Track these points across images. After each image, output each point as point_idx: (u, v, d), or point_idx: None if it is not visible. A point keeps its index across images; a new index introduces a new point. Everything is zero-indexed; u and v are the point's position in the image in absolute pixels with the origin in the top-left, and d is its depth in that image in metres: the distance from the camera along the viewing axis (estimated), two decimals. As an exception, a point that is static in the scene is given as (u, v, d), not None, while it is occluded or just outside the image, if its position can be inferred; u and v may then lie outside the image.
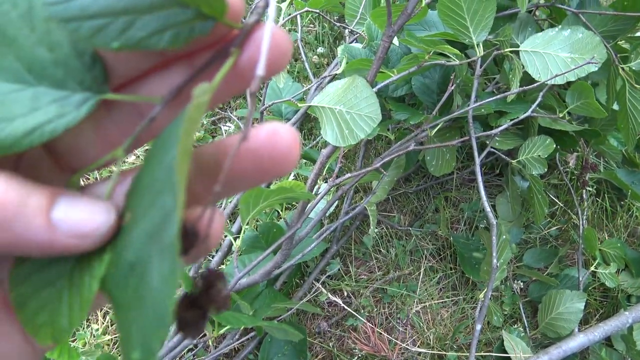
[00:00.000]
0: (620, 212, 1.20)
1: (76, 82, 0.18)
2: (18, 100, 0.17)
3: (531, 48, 0.84)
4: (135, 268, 0.16)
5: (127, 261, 0.16)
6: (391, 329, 1.07)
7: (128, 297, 0.16)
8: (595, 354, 0.98)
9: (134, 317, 0.15)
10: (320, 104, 0.81)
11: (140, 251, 0.16)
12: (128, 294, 0.16)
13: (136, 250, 0.16)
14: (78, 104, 0.18)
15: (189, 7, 0.17)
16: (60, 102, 0.17)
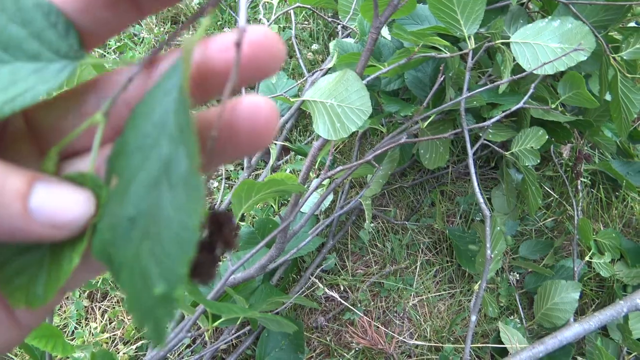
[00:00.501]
0: (615, 203, 1.20)
1: (53, 52, 0.18)
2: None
3: (521, 39, 0.84)
4: (137, 220, 0.16)
5: (125, 218, 0.16)
6: (388, 322, 1.08)
7: (133, 249, 0.16)
8: (591, 343, 0.99)
9: (147, 258, 0.15)
10: (312, 98, 0.82)
11: (140, 203, 0.16)
12: (132, 246, 0.16)
13: (135, 205, 0.16)
14: (57, 71, 0.18)
15: None
16: (39, 73, 0.18)
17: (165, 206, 0.15)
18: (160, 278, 0.15)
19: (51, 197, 0.16)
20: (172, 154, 0.16)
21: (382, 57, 1.01)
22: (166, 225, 0.15)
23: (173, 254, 0.15)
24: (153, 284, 0.15)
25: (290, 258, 0.96)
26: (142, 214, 0.16)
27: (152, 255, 0.15)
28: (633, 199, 1.21)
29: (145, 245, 0.16)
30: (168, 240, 0.15)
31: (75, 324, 1.05)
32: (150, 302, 0.15)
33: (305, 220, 0.90)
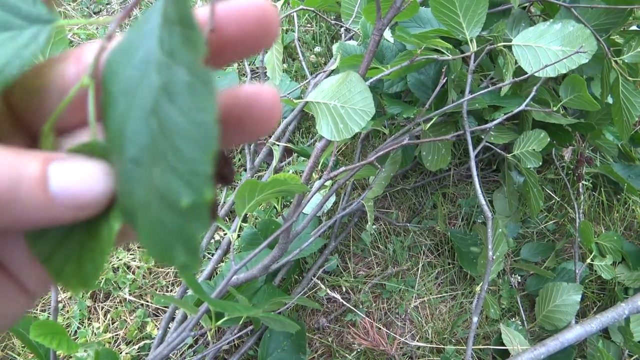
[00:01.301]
0: (617, 206, 1.21)
1: (22, 18, 0.17)
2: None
3: (523, 42, 0.85)
4: (140, 157, 0.15)
5: (128, 162, 0.15)
6: (390, 323, 1.08)
7: (144, 184, 0.15)
8: (592, 345, 0.99)
9: (162, 179, 0.15)
10: (316, 99, 0.82)
11: (139, 138, 0.15)
12: (142, 182, 0.15)
13: (134, 143, 0.15)
14: (33, 36, 0.17)
15: None
16: (14, 41, 0.17)
17: (171, 118, 0.15)
18: (185, 188, 0.14)
19: (71, 178, 0.16)
20: (166, 74, 0.15)
21: (385, 59, 1.01)
22: (177, 133, 0.15)
23: (194, 156, 0.14)
24: (178, 199, 0.14)
25: (292, 259, 0.97)
26: (145, 147, 0.15)
27: (167, 172, 0.15)
28: (634, 202, 1.21)
29: (155, 172, 0.15)
30: (184, 145, 0.14)
31: (78, 323, 1.05)
32: (178, 220, 0.15)
33: (308, 221, 0.90)
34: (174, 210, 0.15)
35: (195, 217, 0.14)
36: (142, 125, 0.15)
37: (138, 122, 0.15)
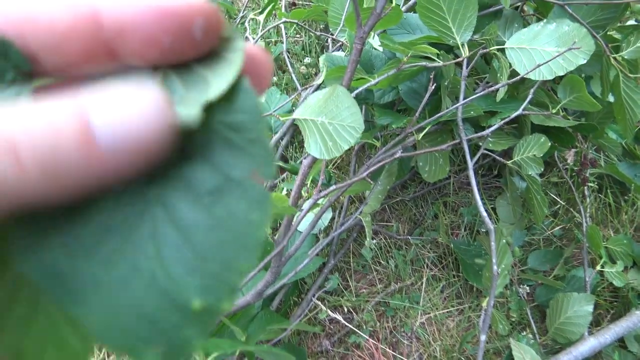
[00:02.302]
0: (625, 207, 1.16)
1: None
2: None
3: (517, 45, 0.81)
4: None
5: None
6: (396, 343, 1.03)
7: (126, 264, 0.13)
8: (608, 357, 0.94)
9: (164, 268, 0.13)
10: (303, 116, 0.79)
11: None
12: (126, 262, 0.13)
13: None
14: (14, 99, 0.15)
15: None
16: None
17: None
18: (201, 290, 0.13)
19: (118, 114, 0.13)
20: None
21: (375, 68, 0.98)
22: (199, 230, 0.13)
23: (223, 258, 0.13)
24: (188, 299, 0.13)
25: (289, 282, 0.93)
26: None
27: (178, 265, 0.13)
28: (643, 202, 1.17)
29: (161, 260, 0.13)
30: (210, 246, 0.13)
31: None
32: (175, 319, 0.13)
33: (301, 241, 0.86)
34: (174, 307, 0.13)
35: (200, 323, 0.13)
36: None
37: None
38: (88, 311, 0.13)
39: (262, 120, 0.15)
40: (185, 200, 0.14)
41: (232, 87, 0.15)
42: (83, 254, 0.13)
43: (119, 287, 0.13)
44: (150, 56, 0.15)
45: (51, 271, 0.13)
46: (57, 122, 0.12)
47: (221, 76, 0.15)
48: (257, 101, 0.15)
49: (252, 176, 0.14)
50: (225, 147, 0.14)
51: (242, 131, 0.14)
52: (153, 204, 0.14)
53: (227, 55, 0.16)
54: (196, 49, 0.15)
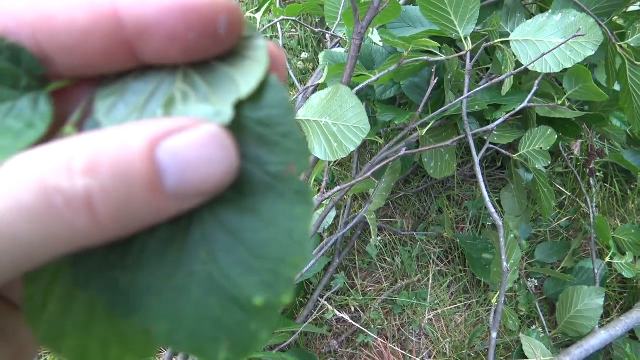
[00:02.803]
0: (632, 196, 1.15)
1: (11, 86, 0.15)
2: None
3: (522, 37, 0.79)
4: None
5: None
6: (404, 340, 1.02)
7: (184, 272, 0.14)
8: (619, 349, 0.93)
9: (226, 271, 0.14)
10: (305, 117, 0.77)
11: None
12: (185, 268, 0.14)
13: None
14: (32, 107, 0.15)
15: None
16: (12, 115, 0.15)
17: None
18: (261, 287, 0.13)
19: (187, 158, 0.13)
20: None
21: (375, 64, 0.96)
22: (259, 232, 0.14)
23: (277, 256, 0.14)
24: (250, 296, 0.13)
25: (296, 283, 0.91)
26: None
27: (236, 266, 0.14)
28: (650, 190, 1.16)
29: (219, 263, 0.14)
30: (264, 245, 0.14)
31: None
32: (240, 317, 0.13)
33: (308, 244, 0.85)
34: (237, 305, 0.14)
35: (264, 317, 0.13)
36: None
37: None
38: (153, 319, 0.14)
39: (292, 113, 0.15)
40: (230, 203, 0.14)
41: (261, 84, 0.15)
42: (141, 270, 0.14)
43: (179, 293, 0.14)
44: (173, 54, 0.15)
45: (113, 287, 0.14)
46: (128, 169, 0.12)
47: (248, 74, 0.15)
48: (286, 95, 0.15)
49: (289, 169, 0.14)
50: (258, 143, 0.14)
51: (274, 126, 0.14)
52: (199, 210, 0.14)
53: (248, 53, 0.16)
54: (219, 46, 0.15)
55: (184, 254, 0.14)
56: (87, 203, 0.12)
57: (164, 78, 0.15)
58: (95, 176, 0.12)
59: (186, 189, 0.13)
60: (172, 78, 0.15)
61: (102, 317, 0.14)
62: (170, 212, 0.13)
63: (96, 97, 0.15)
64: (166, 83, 0.15)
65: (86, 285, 0.14)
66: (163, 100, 0.15)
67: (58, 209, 0.12)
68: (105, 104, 0.15)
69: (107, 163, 0.12)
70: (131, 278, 0.14)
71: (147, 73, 0.16)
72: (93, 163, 0.12)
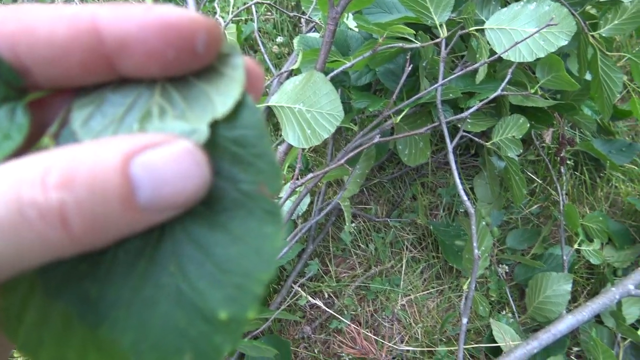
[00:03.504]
0: (600, 184, 1.17)
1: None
2: None
3: (496, 25, 0.79)
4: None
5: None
6: (377, 326, 1.03)
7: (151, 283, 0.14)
8: (586, 333, 0.96)
9: (191, 284, 0.14)
10: (279, 103, 0.76)
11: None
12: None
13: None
14: (9, 118, 0.15)
15: None
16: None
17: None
18: (226, 301, 0.14)
19: (160, 171, 0.13)
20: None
21: (351, 50, 0.95)
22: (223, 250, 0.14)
23: (244, 271, 0.14)
24: (215, 311, 0.14)
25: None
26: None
27: (203, 280, 0.14)
28: (617, 179, 1.18)
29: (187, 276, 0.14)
30: (231, 262, 0.14)
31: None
32: (205, 329, 0.14)
33: (281, 231, 0.84)
34: (202, 318, 0.14)
35: (229, 331, 0.14)
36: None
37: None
38: (120, 331, 0.14)
39: (266, 135, 0.15)
40: (201, 218, 0.14)
41: (236, 104, 0.15)
42: (110, 281, 0.14)
43: (147, 305, 0.14)
44: (152, 70, 0.15)
45: (83, 298, 0.14)
46: (102, 183, 0.12)
47: (225, 94, 0.15)
48: (261, 116, 0.15)
49: (261, 189, 0.14)
50: (232, 161, 0.15)
51: (248, 146, 0.15)
52: (170, 223, 0.14)
53: (226, 70, 0.16)
54: (197, 63, 0.15)
55: (153, 266, 0.14)
56: (61, 217, 0.12)
57: (142, 92, 0.15)
58: (70, 190, 0.12)
59: (159, 203, 0.13)
60: (149, 92, 0.15)
61: (78, 327, 0.14)
62: (143, 224, 0.13)
63: (73, 108, 0.15)
64: (144, 97, 0.15)
65: (57, 295, 0.14)
66: (140, 114, 0.15)
67: (32, 223, 0.12)
68: (82, 114, 0.15)
69: (82, 177, 0.12)
70: (100, 289, 0.14)
71: (125, 86, 0.16)
72: (68, 177, 0.12)
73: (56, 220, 0.12)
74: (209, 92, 0.15)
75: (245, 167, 0.15)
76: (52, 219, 0.12)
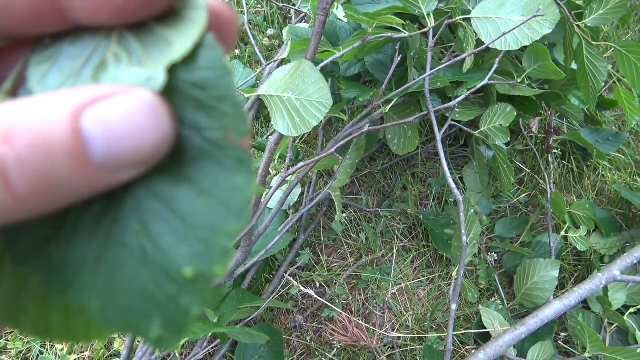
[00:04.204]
0: (587, 173, 1.19)
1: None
2: None
3: (482, 14, 0.80)
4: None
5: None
6: (368, 314, 1.04)
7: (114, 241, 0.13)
8: (573, 318, 0.98)
9: (155, 241, 0.13)
10: (268, 92, 0.76)
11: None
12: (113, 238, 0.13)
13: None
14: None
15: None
16: None
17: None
18: (192, 257, 0.13)
19: (114, 126, 0.12)
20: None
21: (340, 40, 0.95)
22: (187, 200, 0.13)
23: (210, 224, 0.13)
24: (179, 267, 0.13)
25: (260, 259, 0.92)
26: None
27: (166, 235, 0.13)
28: (604, 168, 1.20)
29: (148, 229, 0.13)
30: (194, 213, 0.13)
31: (39, 347, 0.99)
32: (171, 289, 0.13)
33: (271, 219, 0.85)
34: (167, 278, 0.13)
35: (196, 291, 0.13)
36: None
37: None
38: (86, 296, 0.13)
39: (228, 75, 0.14)
40: (165, 171, 0.13)
41: (196, 46, 0.14)
42: (75, 244, 0.13)
43: (113, 268, 0.13)
44: (104, 16, 0.14)
45: (47, 263, 0.13)
46: (47, 138, 0.11)
47: (184, 35, 0.14)
48: (221, 56, 0.14)
49: (227, 136, 0.13)
50: (194, 108, 0.14)
51: (209, 88, 0.14)
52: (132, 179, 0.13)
53: (188, 13, 0.15)
54: (152, 7, 0.14)
55: (116, 225, 0.13)
56: (1, 173, 0.11)
57: (100, 42, 0.14)
58: (9, 144, 0.11)
59: (116, 160, 0.12)
60: (107, 41, 0.14)
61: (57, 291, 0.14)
62: (102, 184, 0.12)
63: (30, 63, 0.14)
64: (101, 47, 0.14)
65: (23, 262, 0.14)
66: (96, 65, 0.14)
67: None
68: (38, 70, 0.14)
69: (24, 131, 0.11)
70: (65, 253, 0.13)
71: (83, 36, 0.15)
72: (8, 132, 0.11)
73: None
74: (168, 36, 0.14)
75: (209, 112, 0.14)
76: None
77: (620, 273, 0.93)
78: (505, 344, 0.88)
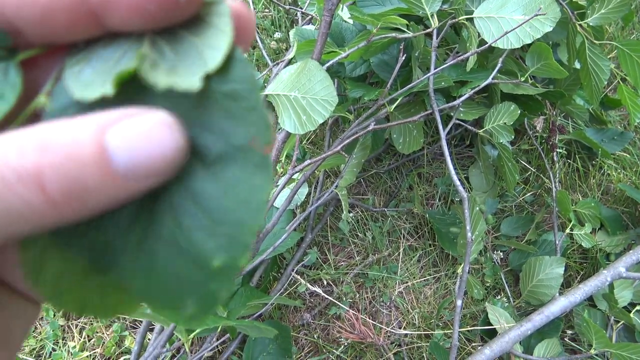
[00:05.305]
0: (593, 172, 1.19)
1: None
2: None
3: (485, 14, 0.82)
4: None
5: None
6: (375, 312, 1.06)
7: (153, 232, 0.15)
8: (579, 315, 0.98)
9: (186, 236, 0.15)
10: (275, 91, 0.78)
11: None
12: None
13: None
14: (2, 77, 0.15)
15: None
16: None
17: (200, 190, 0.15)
18: (219, 250, 0.15)
19: (134, 140, 0.14)
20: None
21: (345, 41, 0.97)
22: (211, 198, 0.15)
23: (234, 223, 0.15)
24: (209, 258, 0.15)
25: (268, 257, 0.93)
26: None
27: (197, 230, 0.15)
28: (609, 167, 1.20)
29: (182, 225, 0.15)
30: (223, 210, 0.15)
31: (52, 345, 1.01)
32: (201, 277, 0.15)
33: (278, 217, 0.87)
34: (198, 267, 0.15)
35: (223, 279, 0.15)
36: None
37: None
38: (129, 277, 0.15)
39: (257, 88, 0.15)
40: (196, 172, 0.15)
41: (228, 57, 0.15)
42: (115, 232, 0.15)
43: (151, 255, 0.15)
44: (136, 23, 0.15)
45: (91, 248, 0.15)
46: (78, 150, 0.13)
47: (214, 46, 0.15)
48: (252, 70, 0.15)
49: (252, 143, 0.15)
50: (224, 115, 0.15)
51: (239, 100, 0.15)
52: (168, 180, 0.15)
53: (212, 20, 0.16)
54: (180, 14, 0.16)
55: (153, 220, 0.15)
56: (38, 178, 0.13)
57: (131, 46, 0.16)
58: (45, 153, 0.13)
59: (136, 170, 0.14)
60: (138, 45, 0.16)
61: (95, 272, 0.16)
62: (128, 191, 0.14)
63: (66, 65, 0.16)
64: (133, 51, 0.16)
65: (69, 245, 0.15)
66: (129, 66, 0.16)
67: (11, 186, 0.13)
68: (73, 70, 0.16)
69: (58, 145, 0.13)
70: (106, 239, 0.15)
71: (116, 40, 0.16)
72: (43, 145, 0.13)
73: (33, 182, 0.13)
74: (197, 44, 0.16)
75: (238, 121, 0.15)
76: (29, 181, 0.13)
77: (625, 270, 0.93)
78: (510, 340, 0.89)
